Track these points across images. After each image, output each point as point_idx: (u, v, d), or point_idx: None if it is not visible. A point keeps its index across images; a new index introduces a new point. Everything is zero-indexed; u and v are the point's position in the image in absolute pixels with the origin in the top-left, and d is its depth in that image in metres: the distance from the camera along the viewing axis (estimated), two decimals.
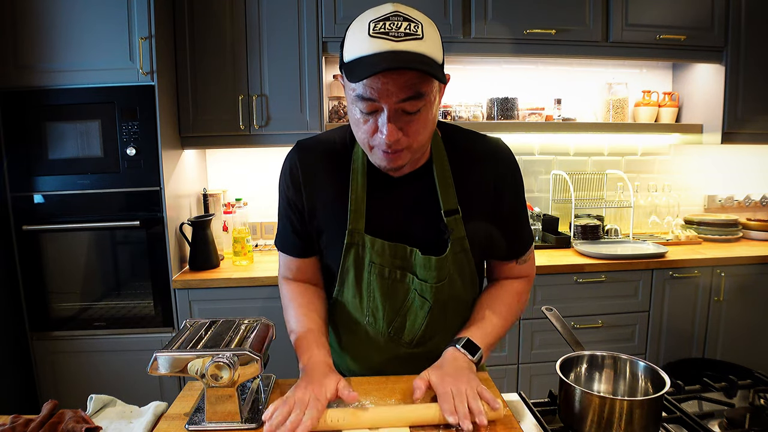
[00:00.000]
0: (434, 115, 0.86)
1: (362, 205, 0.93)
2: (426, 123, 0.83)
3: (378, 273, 0.95)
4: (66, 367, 2.03)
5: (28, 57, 1.89)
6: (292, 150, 1.00)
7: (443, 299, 0.96)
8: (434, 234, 0.93)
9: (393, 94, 0.77)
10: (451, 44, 2.23)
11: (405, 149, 0.84)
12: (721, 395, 0.99)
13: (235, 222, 2.40)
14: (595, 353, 0.93)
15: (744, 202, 2.87)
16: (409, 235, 0.93)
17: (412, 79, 0.77)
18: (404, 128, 0.81)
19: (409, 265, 0.94)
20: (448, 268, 0.94)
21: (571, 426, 0.82)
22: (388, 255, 0.93)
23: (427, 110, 0.82)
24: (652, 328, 2.24)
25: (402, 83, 0.76)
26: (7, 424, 0.83)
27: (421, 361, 0.92)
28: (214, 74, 2.15)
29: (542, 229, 2.53)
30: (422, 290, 0.94)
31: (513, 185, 0.98)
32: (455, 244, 0.93)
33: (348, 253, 0.95)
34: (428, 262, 0.92)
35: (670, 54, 2.38)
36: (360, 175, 0.94)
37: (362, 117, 0.82)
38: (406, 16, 0.78)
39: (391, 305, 0.97)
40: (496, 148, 0.98)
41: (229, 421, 0.81)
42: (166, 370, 0.79)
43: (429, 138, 0.88)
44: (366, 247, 0.94)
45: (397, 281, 0.95)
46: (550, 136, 2.68)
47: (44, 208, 1.97)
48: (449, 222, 0.92)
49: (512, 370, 2.20)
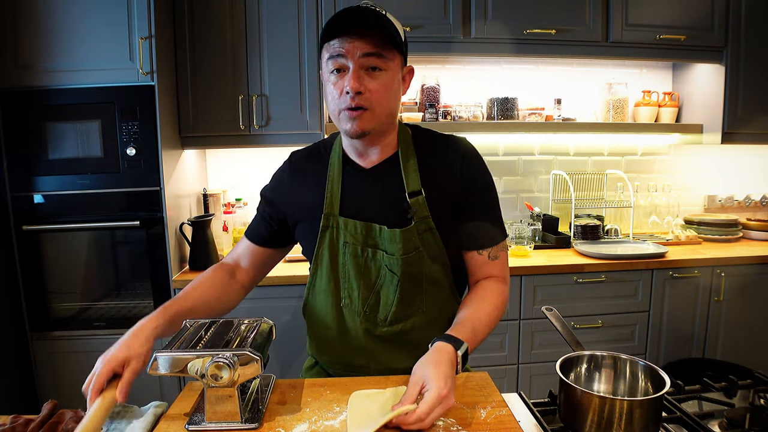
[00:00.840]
0: (396, 91, 0.97)
1: (337, 191, 1.03)
2: (387, 88, 0.95)
3: (351, 253, 1.02)
4: (66, 367, 2.03)
5: (28, 57, 1.89)
6: (286, 159, 1.15)
7: (412, 273, 1.00)
8: (400, 214, 1.00)
9: (358, 49, 0.91)
10: (451, 44, 2.23)
11: (369, 110, 0.94)
12: (721, 395, 0.99)
13: (235, 222, 2.40)
14: (595, 353, 0.93)
15: (744, 202, 2.87)
16: (378, 217, 1.01)
17: (375, 40, 0.91)
18: (367, 87, 0.93)
19: (378, 241, 1.01)
20: (414, 242, 1.00)
21: (571, 426, 0.82)
22: (360, 234, 1.01)
23: (388, 76, 0.94)
24: (652, 328, 2.24)
25: (366, 42, 0.91)
26: (7, 424, 0.83)
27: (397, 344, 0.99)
28: (214, 74, 2.15)
29: (542, 229, 2.54)
30: (390, 264, 1.00)
31: (479, 178, 1.05)
32: (420, 222, 1.00)
33: (324, 235, 1.03)
34: (393, 235, 0.99)
35: (670, 54, 2.38)
36: (336, 166, 1.05)
37: (333, 80, 0.94)
38: (372, 4, 0.94)
39: (365, 283, 1.02)
40: (463, 143, 1.07)
41: (229, 421, 0.81)
42: (166, 370, 0.79)
43: (391, 110, 0.98)
44: (340, 229, 1.02)
45: (369, 259, 1.02)
46: (550, 136, 2.68)
47: (44, 208, 1.97)
48: (412, 202, 1.00)
49: (512, 370, 2.20)
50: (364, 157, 1.04)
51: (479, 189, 1.05)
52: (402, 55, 0.98)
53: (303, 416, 0.84)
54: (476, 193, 1.04)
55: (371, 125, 0.95)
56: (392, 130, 1.04)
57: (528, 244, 2.33)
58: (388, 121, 0.99)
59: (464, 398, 0.90)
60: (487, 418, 0.83)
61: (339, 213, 1.02)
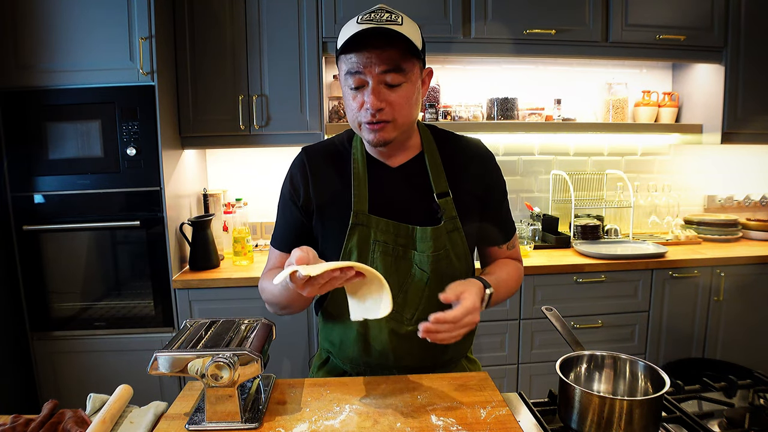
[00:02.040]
0: (416, 99, 0.98)
1: (365, 189, 1.03)
2: (408, 100, 0.95)
3: (382, 251, 1.01)
4: (66, 367, 2.04)
5: (29, 57, 1.89)
6: (299, 154, 1.10)
7: (440, 271, 1.02)
8: (429, 214, 1.03)
9: (375, 65, 0.91)
10: (451, 44, 2.23)
11: (389, 123, 0.95)
12: (721, 395, 0.99)
13: (235, 222, 2.40)
14: (595, 353, 0.93)
15: (744, 202, 2.87)
16: (408, 216, 1.02)
17: (393, 54, 0.91)
18: (387, 100, 0.93)
19: (411, 241, 1.02)
20: (443, 241, 1.02)
21: (571, 426, 0.82)
22: (392, 233, 1.01)
23: (408, 88, 0.94)
24: (651, 328, 2.24)
25: (384, 57, 0.90)
26: (7, 424, 0.83)
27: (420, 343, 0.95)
28: (214, 74, 2.15)
29: (542, 229, 2.54)
30: (421, 262, 1.02)
31: (499, 178, 1.11)
32: (448, 222, 1.02)
33: (353, 233, 1.01)
34: (425, 233, 1.01)
35: (670, 54, 2.38)
36: (360, 164, 1.05)
37: (351, 94, 0.95)
38: (388, 9, 0.94)
39: (394, 281, 1.01)
40: (481, 145, 1.11)
41: (229, 421, 0.81)
42: (166, 370, 0.79)
43: (412, 118, 0.99)
44: (371, 227, 1.01)
45: (400, 257, 1.02)
46: (550, 136, 2.68)
47: (44, 208, 1.97)
48: (441, 203, 1.02)
49: (512, 370, 2.20)
50: (388, 157, 1.06)
51: (499, 189, 1.11)
52: (421, 61, 0.98)
53: (303, 416, 0.85)
54: (497, 193, 1.10)
55: (393, 135, 0.97)
56: (414, 132, 1.06)
57: (528, 244, 2.33)
58: (410, 128, 1.02)
59: (464, 398, 0.90)
60: (487, 417, 0.83)
61: (368, 211, 1.02)
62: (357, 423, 0.82)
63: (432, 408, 0.87)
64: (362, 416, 0.84)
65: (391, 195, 1.04)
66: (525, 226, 2.52)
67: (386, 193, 1.03)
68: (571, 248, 2.41)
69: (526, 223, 2.56)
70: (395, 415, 0.84)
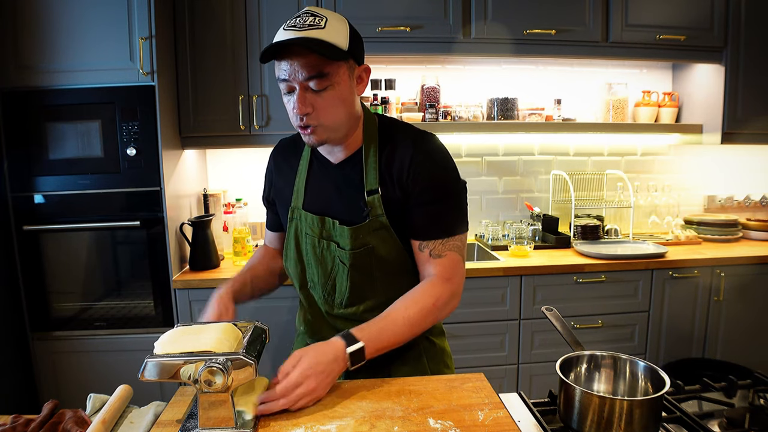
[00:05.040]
0: (349, 99, 0.98)
1: (302, 185, 1.10)
2: (335, 102, 0.95)
3: (311, 243, 1.09)
4: (66, 367, 2.04)
5: (29, 57, 1.89)
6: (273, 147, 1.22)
7: (360, 266, 1.05)
8: (357, 211, 1.05)
9: (299, 72, 0.92)
10: (451, 44, 2.23)
11: (319, 126, 0.96)
12: (721, 395, 0.99)
13: (235, 222, 2.40)
14: (595, 353, 0.93)
15: (744, 202, 2.87)
16: (337, 212, 1.06)
17: (314, 61, 0.91)
18: (314, 105, 0.94)
19: (331, 235, 1.07)
20: (363, 239, 1.04)
21: (571, 426, 0.82)
22: (317, 227, 1.07)
23: (335, 90, 0.95)
24: (651, 328, 2.25)
25: (305, 63, 0.91)
26: (7, 424, 0.83)
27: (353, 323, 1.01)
28: (214, 74, 2.15)
29: (542, 229, 2.54)
30: (341, 256, 1.06)
31: (424, 175, 1.02)
32: (374, 221, 1.04)
33: (290, 227, 1.12)
34: (343, 231, 1.04)
35: (670, 54, 2.38)
36: (305, 161, 1.12)
37: (286, 98, 0.98)
38: (313, 12, 0.94)
39: (322, 271, 1.09)
40: (421, 136, 1.06)
41: (223, 427, 0.79)
42: (158, 376, 0.76)
43: (344, 119, 0.99)
44: (302, 221, 1.09)
45: (325, 249, 1.08)
46: (550, 136, 2.68)
47: (45, 208, 1.97)
48: (369, 201, 1.03)
49: (512, 370, 2.20)
50: (330, 153, 1.08)
51: (424, 185, 1.02)
52: (351, 59, 0.96)
53: (299, 421, 0.83)
54: (420, 189, 1.02)
55: (324, 136, 0.99)
56: (356, 128, 1.05)
57: (528, 244, 2.33)
58: (345, 127, 1.01)
59: (461, 400, 0.89)
60: (485, 420, 0.83)
61: (302, 206, 1.10)
62: (353, 428, 0.81)
63: (429, 411, 0.86)
64: (359, 421, 0.83)
65: (325, 192, 1.08)
66: (525, 226, 2.53)
67: (320, 189, 1.09)
68: (571, 248, 2.41)
69: (526, 223, 2.56)
70: (392, 418, 0.84)
